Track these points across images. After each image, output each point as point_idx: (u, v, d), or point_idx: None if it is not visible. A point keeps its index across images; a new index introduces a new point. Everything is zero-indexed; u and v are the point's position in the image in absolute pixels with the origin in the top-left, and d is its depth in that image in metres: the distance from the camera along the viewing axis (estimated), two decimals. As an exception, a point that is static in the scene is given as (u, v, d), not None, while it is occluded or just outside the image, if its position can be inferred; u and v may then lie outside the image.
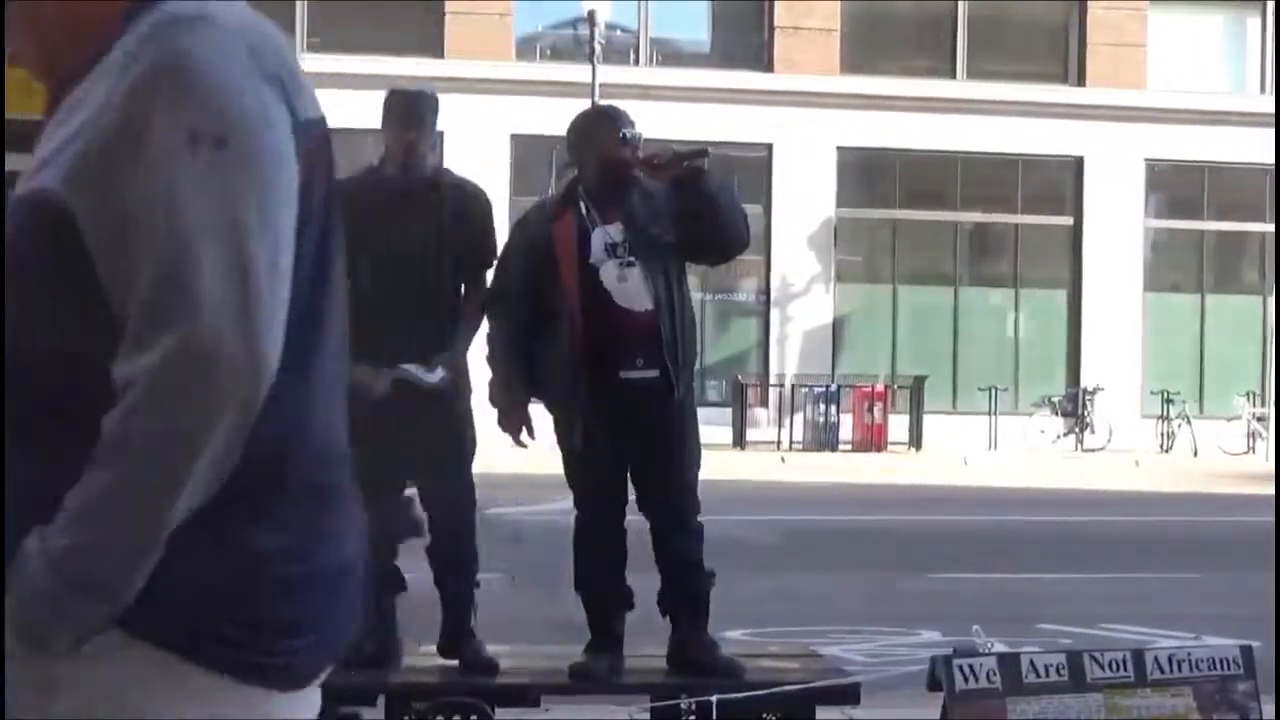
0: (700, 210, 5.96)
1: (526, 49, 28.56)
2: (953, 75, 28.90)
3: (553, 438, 6.21)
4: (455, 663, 6.02)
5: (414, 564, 6.13)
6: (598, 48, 25.03)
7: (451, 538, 6.04)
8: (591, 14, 25.28)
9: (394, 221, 5.98)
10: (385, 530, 6.12)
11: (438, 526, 6.04)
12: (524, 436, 6.11)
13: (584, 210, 6.08)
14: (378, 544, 5.93)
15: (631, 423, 5.92)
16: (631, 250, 5.96)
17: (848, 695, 5.83)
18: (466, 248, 6.07)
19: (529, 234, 6.16)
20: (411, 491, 6.15)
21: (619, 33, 28.21)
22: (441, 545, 6.05)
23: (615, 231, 5.99)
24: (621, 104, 6.56)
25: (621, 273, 5.95)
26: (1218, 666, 5.07)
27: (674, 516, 6.00)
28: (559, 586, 8.78)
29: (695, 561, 6.02)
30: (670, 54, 29.19)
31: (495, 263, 6.18)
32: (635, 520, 6.06)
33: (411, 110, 6.07)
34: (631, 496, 6.10)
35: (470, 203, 6.16)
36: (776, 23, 28.41)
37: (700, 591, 6.03)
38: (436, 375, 5.87)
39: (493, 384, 6.13)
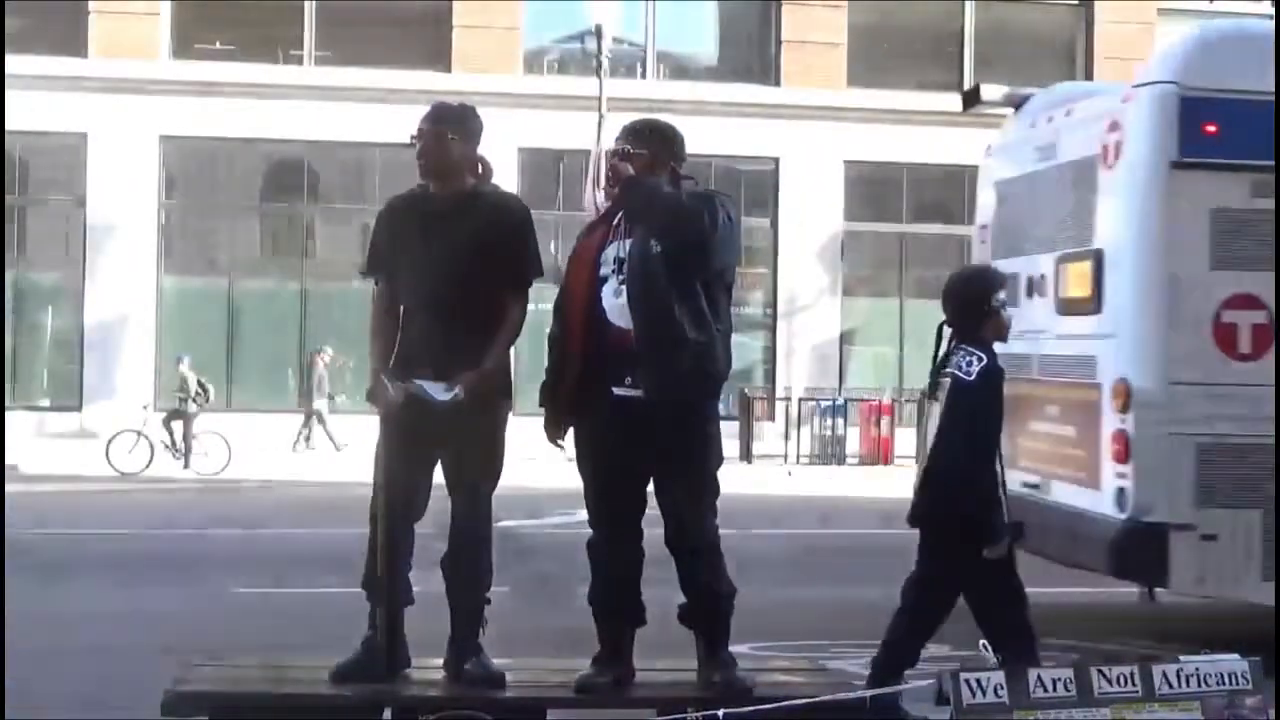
0: (633, 211, 5.92)
1: (534, 62, 28.58)
2: (960, 89, 28.87)
3: (550, 451, 6.20)
4: (462, 676, 6.02)
5: (421, 577, 6.13)
6: (605, 61, 25.04)
7: (468, 552, 6.04)
8: (599, 28, 25.27)
9: (430, 238, 5.97)
10: None
11: (456, 539, 6.04)
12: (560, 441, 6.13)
13: (616, 222, 6.04)
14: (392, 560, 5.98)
15: (632, 440, 5.87)
16: (628, 265, 5.87)
17: (854, 710, 5.82)
18: (503, 262, 6.03)
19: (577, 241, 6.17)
20: None
21: (626, 46, 28.22)
22: (457, 558, 6.05)
23: (627, 247, 5.92)
24: (628, 117, 6.53)
25: (618, 289, 5.89)
26: (1226, 681, 5.07)
27: (681, 537, 5.93)
28: (564, 599, 8.76)
29: (705, 582, 5.96)
30: (677, 67, 29.20)
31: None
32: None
33: (448, 126, 6.06)
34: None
35: (508, 218, 6.11)
36: (783, 36, 28.42)
37: (711, 613, 5.99)
38: (449, 394, 5.84)
39: (542, 386, 6.13)
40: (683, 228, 5.82)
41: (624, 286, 5.85)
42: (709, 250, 5.87)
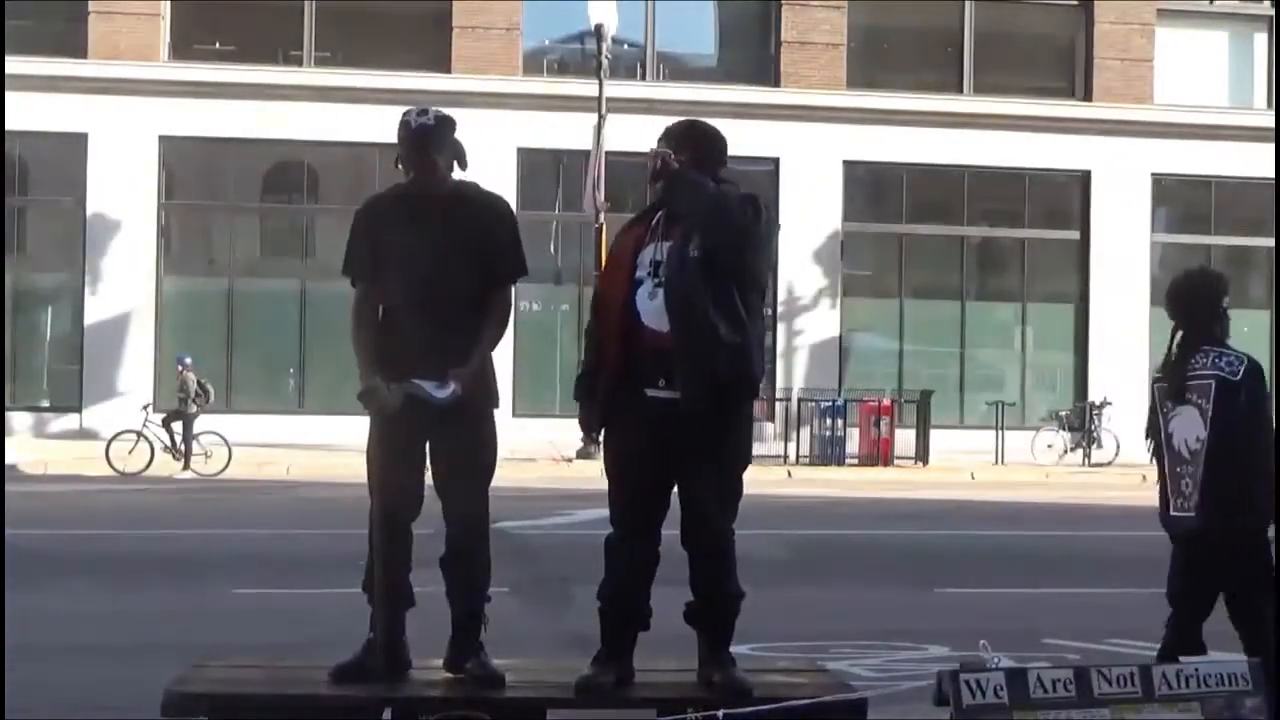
0: (676, 202, 5.92)
1: (534, 63, 28.58)
2: (960, 90, 28.90)
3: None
4: (462, 676, 6.02)
5: (421, 577, 6.13)
6: (604, 62, 25.03)
7: (466, 552, 6.04)
8: (598, 28, 25.26)
9: (416, 237, 5.98)
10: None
11: (453, 539, 6.04)
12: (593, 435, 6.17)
13: (655, 223, 6.05)
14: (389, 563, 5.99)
15: (663, 441, 5.88)
16: (666, 269, 5.88)
17: (855, 710, 5.82)
18: (489, 261, 6.04)
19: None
20: None
21: (626, 47, 28.22)
22: (456, 559, 6.05)
23: (664, 250, 5.93)
24: (628, 118, 6.55)
25: (653, 291, 5.90)
26: (1226, 682, 5.07)
27: (699, 537, 5.93)
28: (566, 600, 8.76)
29: (716, 584, 5.97)
30: (677, 68, 29.20)
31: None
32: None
33: (427, 126, 6.07)
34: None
35: (492, 216, 6.13)
36: (783, 37, 28.42)
37: (719, 614, 5.99)
38: (446, 392, 5.86)
39: (578, 380, 6.16)
40: (726, 224, 5.84)
41: (659, 289, 5.87)
42: (747, 248, 5.89)
